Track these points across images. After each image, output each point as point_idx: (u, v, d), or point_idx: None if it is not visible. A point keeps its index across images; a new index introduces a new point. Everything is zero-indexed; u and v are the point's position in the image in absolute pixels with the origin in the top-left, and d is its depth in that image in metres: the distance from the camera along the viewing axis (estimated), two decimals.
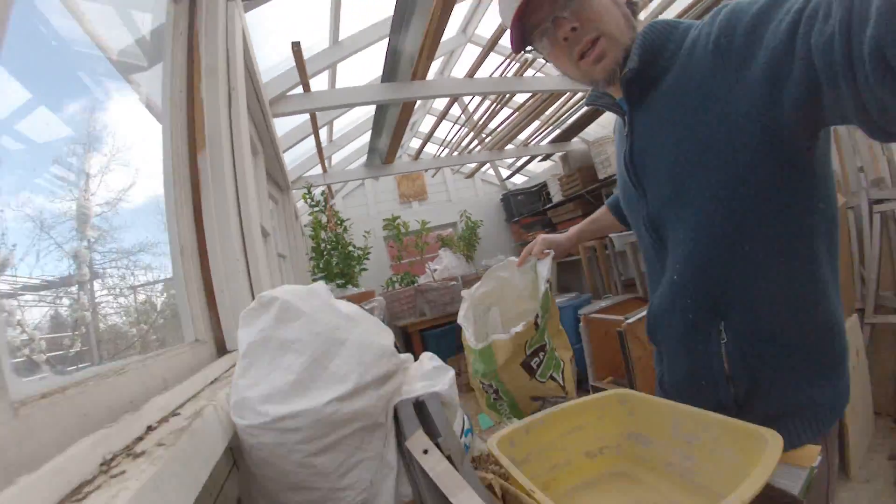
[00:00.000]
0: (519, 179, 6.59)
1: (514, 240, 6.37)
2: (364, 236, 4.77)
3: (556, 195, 5.07)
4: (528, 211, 5.81)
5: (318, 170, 3.98)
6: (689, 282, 0.84)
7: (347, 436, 0.57)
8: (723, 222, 0.77)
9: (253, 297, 1.04)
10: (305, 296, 0.60)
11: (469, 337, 1.13)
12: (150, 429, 0.51)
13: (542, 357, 1.06)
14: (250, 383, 0.55)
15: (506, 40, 2.74)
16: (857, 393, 2.22)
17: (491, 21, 3.33)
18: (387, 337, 0.65)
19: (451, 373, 0.76)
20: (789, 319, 0.79)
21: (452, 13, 1.98)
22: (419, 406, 0.67)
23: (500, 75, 3.00)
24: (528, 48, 0.90)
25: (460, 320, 1.17)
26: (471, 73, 2.88)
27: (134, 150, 1.08)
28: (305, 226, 4.04)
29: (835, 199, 0.78)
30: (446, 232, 6.07)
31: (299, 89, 2.38)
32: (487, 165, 6.24)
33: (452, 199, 6.45)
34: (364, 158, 4.59)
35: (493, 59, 2.93)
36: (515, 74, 3.01)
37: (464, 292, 1.25)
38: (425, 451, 0.59)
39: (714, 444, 0.69)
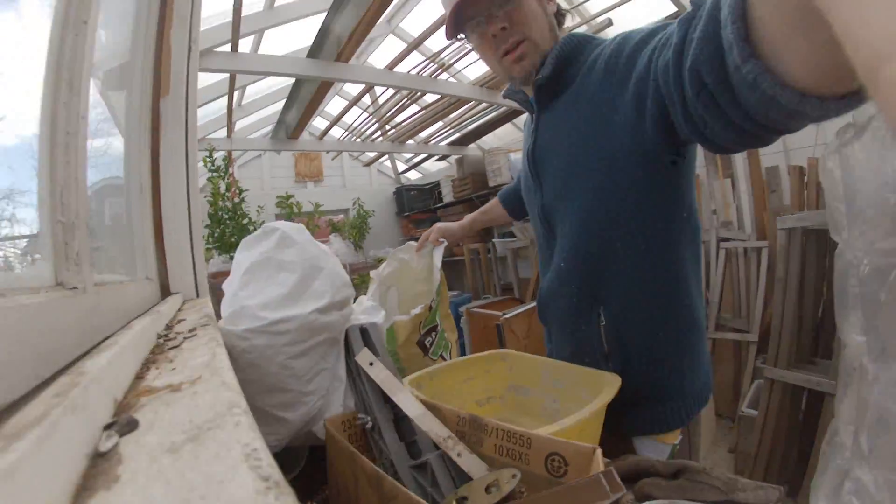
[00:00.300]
0: (413, 175, 6.78)
1: (402, 233, 6.48)
2: (258, 211, 4.65)
3: (448, 196, 5.30)
4: (419, 207, 6.02)
5: (222, 133, 3.84)
6: (573, 269, 0.91)
7: (318, 344, 0.73)
8: (600, 219, 0.85)
9: (192, 244, 1.12)
10: (297, 230, 0.77)
11: None
12: (168, 326, 0.63)
13: (434, 337, 1.19)
14: (250, 294, 0.69)
15: (429, 42, 2.95)
16: None
17: (418, 20, 3.50)
18: (346, 273, 0.83)
19: (383, 311, 0.94)
20: (655, 312, 0.87)
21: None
22: (364, 331, 0.84)
23: (417, 73, 3.17)
24: (461, 36, 0.96)
25: (368, 300, 1.25)
26: (391, 66, 3.03)
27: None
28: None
29: (696, 214, 0.88)
30: (338, 218, 6.06)
31: (226, 47, 2.34)
32: (385, 157, 6.36)
33: (347, 185, 6.49)
34: (267, 129, 4.49)
35: (412, 57, 3.10)
36: (430, 75, 3.22)
37: (373, 273, 1.33)
38: (371, 364, 0.77)
39: (573, 388, 0.89)
